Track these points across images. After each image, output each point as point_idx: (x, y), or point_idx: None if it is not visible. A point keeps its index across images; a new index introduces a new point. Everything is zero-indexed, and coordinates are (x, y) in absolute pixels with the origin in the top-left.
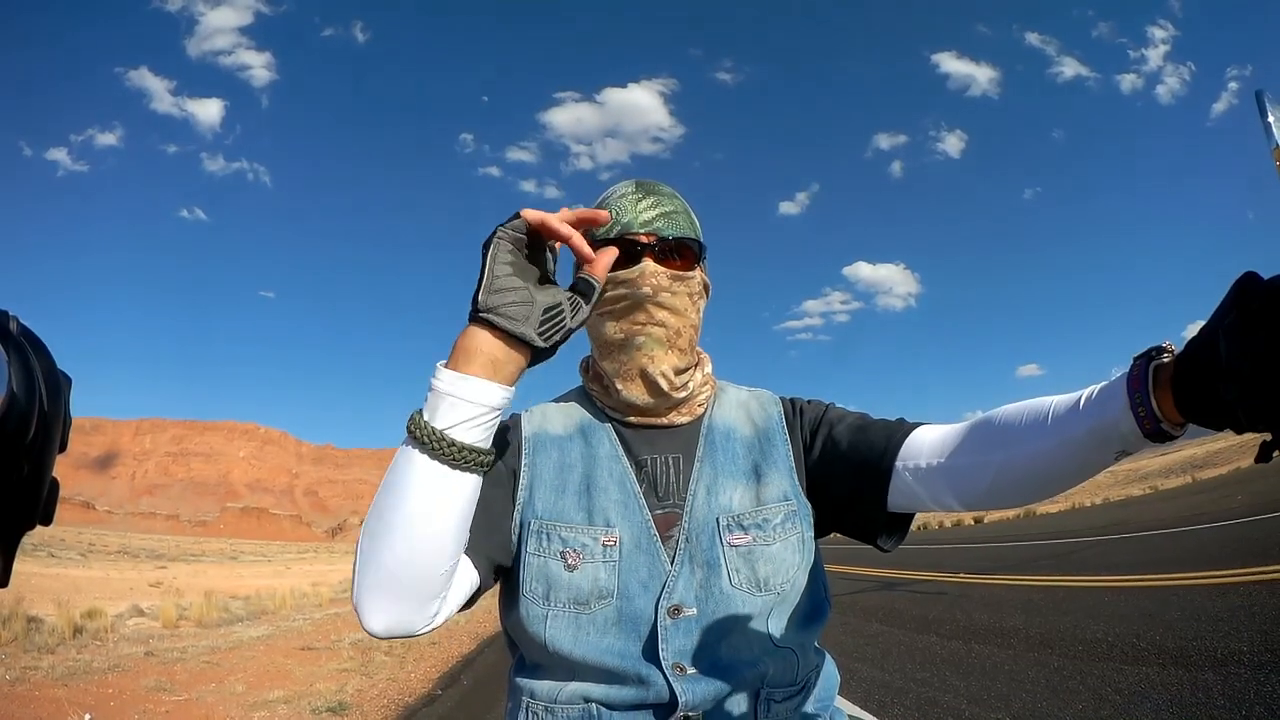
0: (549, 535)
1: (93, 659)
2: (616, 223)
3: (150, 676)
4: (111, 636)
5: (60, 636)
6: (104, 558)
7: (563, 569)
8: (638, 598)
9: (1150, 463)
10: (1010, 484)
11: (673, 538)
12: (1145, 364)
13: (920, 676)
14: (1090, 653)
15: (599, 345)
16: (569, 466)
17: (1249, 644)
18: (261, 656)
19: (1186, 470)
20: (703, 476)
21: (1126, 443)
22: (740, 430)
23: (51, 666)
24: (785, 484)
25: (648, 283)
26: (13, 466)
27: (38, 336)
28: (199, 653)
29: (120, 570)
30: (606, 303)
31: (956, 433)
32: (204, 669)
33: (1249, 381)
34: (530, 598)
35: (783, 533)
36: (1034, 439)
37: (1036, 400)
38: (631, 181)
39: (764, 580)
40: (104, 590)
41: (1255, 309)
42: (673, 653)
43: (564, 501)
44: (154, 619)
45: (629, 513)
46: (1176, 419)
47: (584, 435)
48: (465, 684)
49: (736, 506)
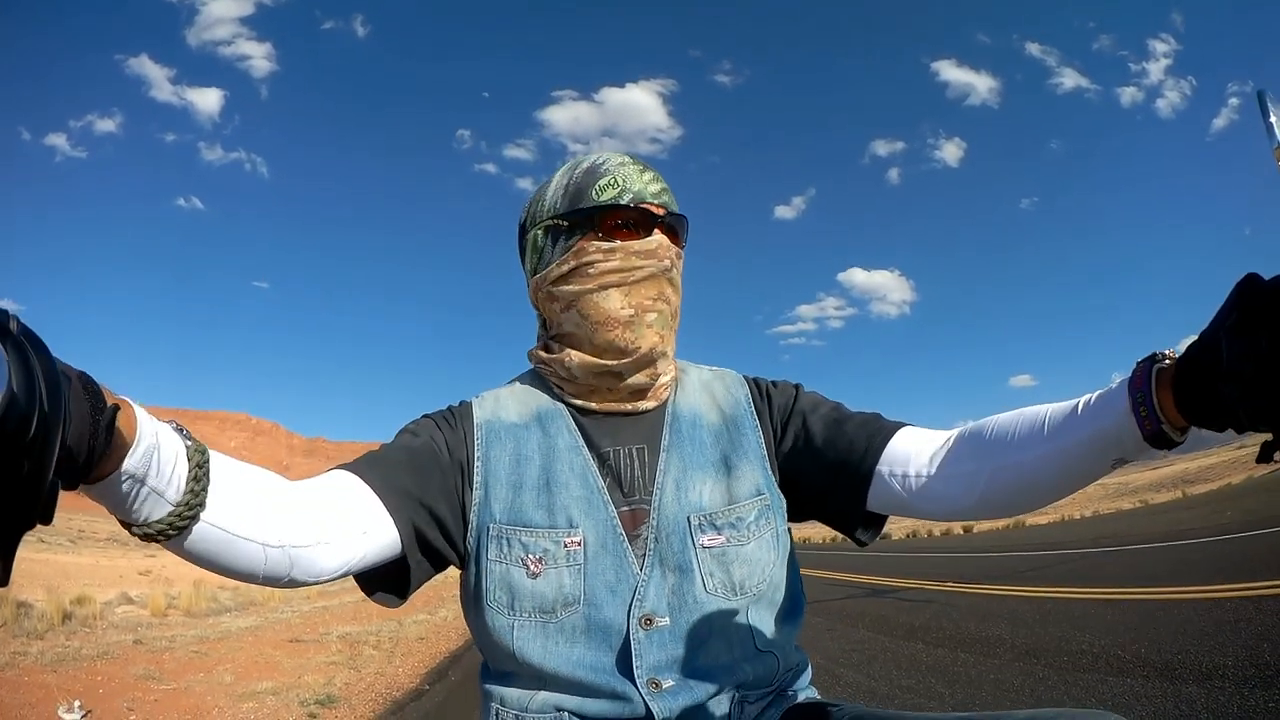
0: (509, 540)
1: (82, 646)
2: (625, 190)
3: (139, 665)
4: (100, 624)
5: (50, 622)
6: (94, 544)
7: (525, 576)
8: (606, 605)
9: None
10: (1002, 494)
11: (640, 537)
12: (1149, 365)
13: (905, 683)
14: (1075, 664)
15: (594, 321)
16: (525, 459)
17: (1234, 659)
18: (249, 647)
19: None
20: (670, 469)
21: (1125, 449)
22: (706, 416)
23: (41, 652)
24: (758, 476)
25: (665, 255)
26: (13, 466)
27: (38, 336)
28: (187, 642)
29: (110, 558)
30: (612, 273)
31: (945, 440)
32: (192, 658)
33: (1251, 382)
34: (495, 607)
35: (757, 530)
36: (1029, 447)
37: (1030, 408)
38: (619, 152)
39: (740, 583)
40: (93, 577)
41: (1257, 309)
42: (647, 668)
43: (522, 499)
44: (142, 607)
45: (593, 510)
46: (1178, 421)
47: (541, 423)
48: (452, 679)
49: (708, 504)
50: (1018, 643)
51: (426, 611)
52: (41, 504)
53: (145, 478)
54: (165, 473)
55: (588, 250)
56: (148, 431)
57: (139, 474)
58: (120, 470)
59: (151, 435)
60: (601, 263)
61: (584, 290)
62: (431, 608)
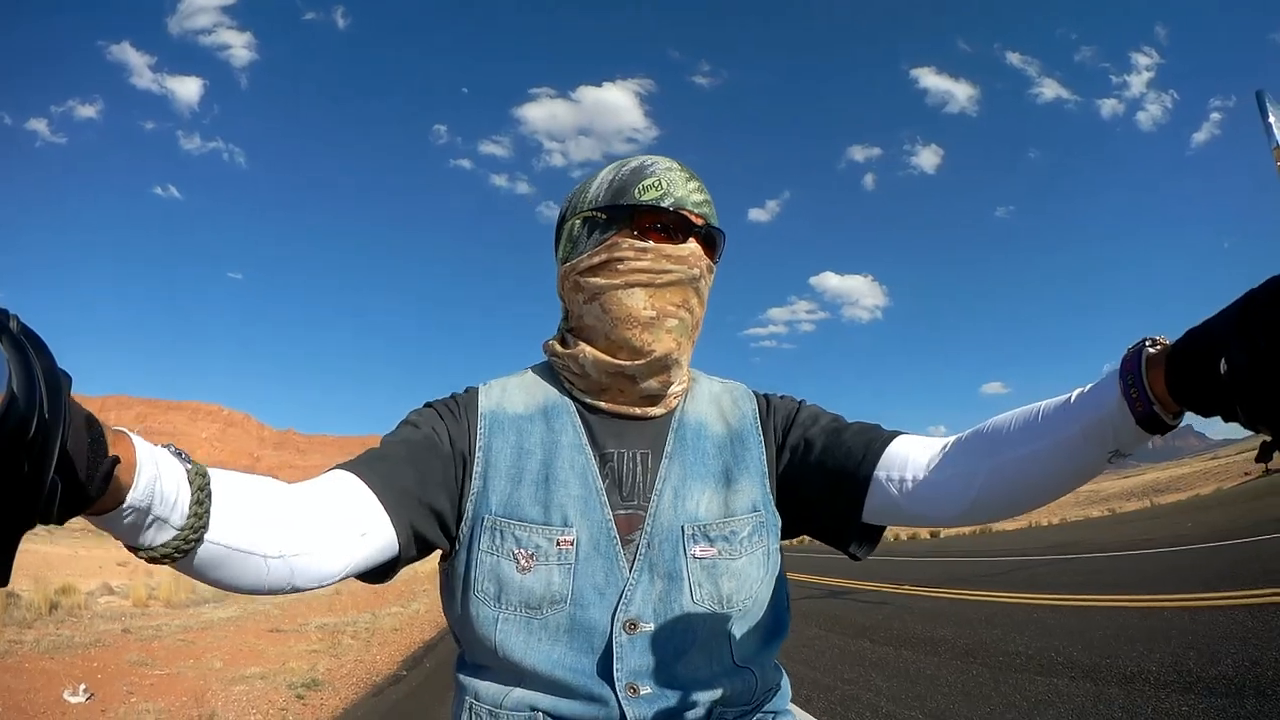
0: (502, 533)
1: (73, 634)
2: (668, 194)
3: (131, 652)
4: (85, 614)
5: (38, 612)
6: (70, 535)
7: (515, 570)
8: (592, 606)
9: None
10: (999, 492)
11: (633, 542)
12: (1140, 347)
13: (848, 676)
14: (1009, 664)
15: (615, 317)
16: (527, 452)
17: (1157, 664)
18: (233, 636)
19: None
20: (670, 476)
21: (1120, 438)
22: (712, 427)
23: (36, 641)
24: (756, 492)
25: (696, 264)
26: (13, 465)
27: (38, 335)
28: (173, 631)
29: (87, 548)
30: (641, 272)
31: (943, 445)
32: (180, 646)
33: (1250, 382)
34: (481, 598)
35: (749, 546)
36: (1024, 442)
37: (1026, 406)
38: (668, 157)
39: (727, 597)
40: (73, 568)
41: (1259, 307)
42: (627, 672)
43: (520, 493)
44: (124, 597)
45: (589, 510)
46: (1170, 404)
47: (546, 417)
48: (428, 666)
49: (703, 515)
50: (959, 643)
51: (400, 604)
52: (42, 504)
53: (150, 509)
54: (169, 500)
55: (621, 246)
56: (148, 467)
57: (142, 507)
58: (123, 507)
59: (153, 467)
60: (632, 260)
61: (610, 285)
62: (404, 601)
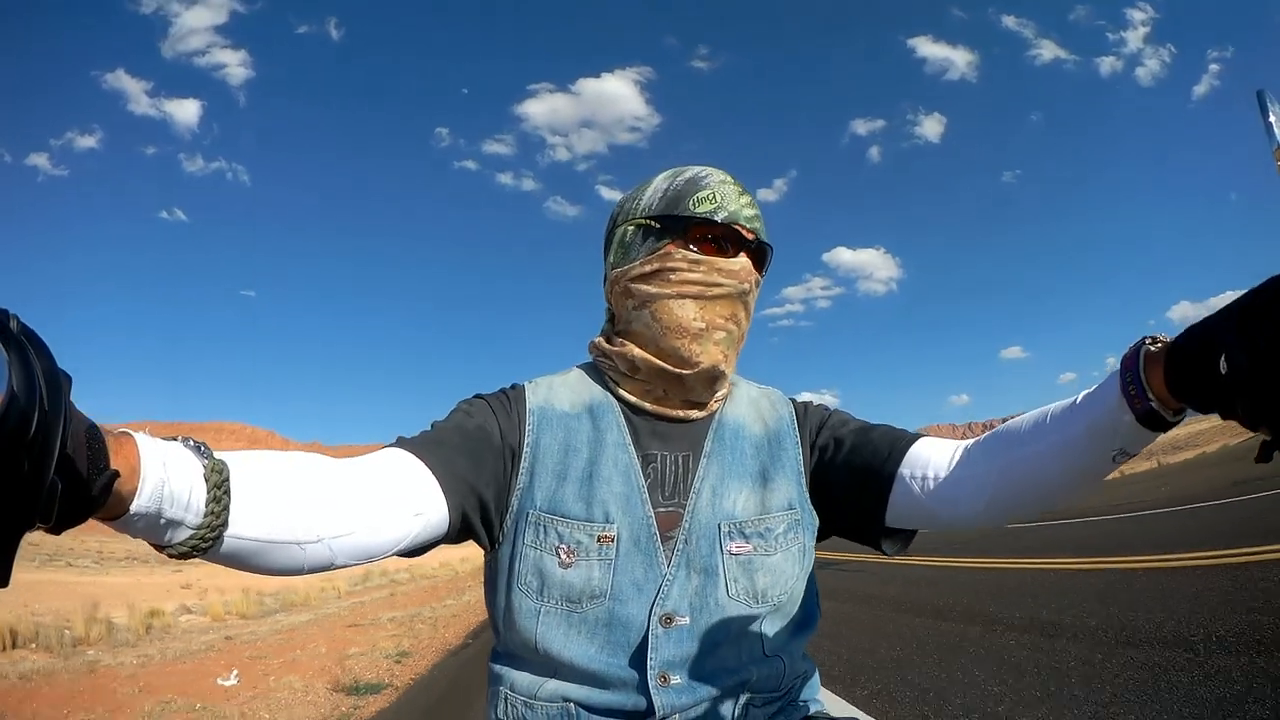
0: (545, 528)
1: (185, 646)
2: (721, 207)
3: (244, 650)
4: (177, 630)
5: (137, 634)
6: (116, 564)
7: (557, 565)
8: (631, 601)
9: None
10: (1011, 493)
11: (672, 539)
12: (1140, 345)
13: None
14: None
15: (665, 326)
16: (574, 450)
17: (1103, 621)
18: (321, 633)
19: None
20: (709, 475)
21: (1123, 437)
22: (750, 429)
23: (161, 651)
24: (792, 491)
25: (746, 279)
26: (13, 465)
27: (38, 335)
28: (265, 634)
29: (135, 575)
30: (693, 284)
31: (965, 445)
32: (281, 643)
33: (1250, 382)
34: (524, 591)
35: (785, 543)
36: (1033, 441)
37: (1039, 408)
38: (722, 170)
39: (762, 592)
40: (142, 594)
41: (1259, 307)
42: (660, 663)
43: (564, 490)
44: (202, 615)
45: (630, 508)
46: (1169, 401)
47: (592, 416)
48: (486, 638)
49: (740, 513)
50: (905, 600)
51: (452, 597)
52: (41, 504)
53: (160, 512)
54: (181, 501)
55: (673, 256)
56: (154, 471)
57: (150, 511)
58: (130, 513)
59: (159, 469)
60: (685, 272)
61: (661, 294)
62: (456, 594)
